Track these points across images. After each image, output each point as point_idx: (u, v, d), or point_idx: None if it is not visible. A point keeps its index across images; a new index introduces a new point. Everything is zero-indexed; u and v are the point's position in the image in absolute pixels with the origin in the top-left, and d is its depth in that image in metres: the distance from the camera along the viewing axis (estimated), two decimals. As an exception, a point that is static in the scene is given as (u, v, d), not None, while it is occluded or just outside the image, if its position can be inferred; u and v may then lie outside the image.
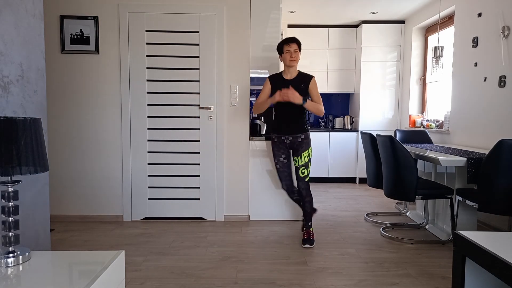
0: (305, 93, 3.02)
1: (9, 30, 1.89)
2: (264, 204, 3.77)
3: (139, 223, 3.68)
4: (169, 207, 3.76)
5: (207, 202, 3.76)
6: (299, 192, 3.14)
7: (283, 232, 3.40)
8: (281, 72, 3.15)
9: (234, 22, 3.67)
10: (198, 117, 3.71)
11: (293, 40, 3.03)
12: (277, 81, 3.09)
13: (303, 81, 3.04)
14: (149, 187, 3.74)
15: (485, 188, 2.63)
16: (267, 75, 3.71)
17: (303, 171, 3.08)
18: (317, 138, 5.80)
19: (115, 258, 1.35)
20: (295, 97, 2.89)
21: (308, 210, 3.13)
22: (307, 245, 3.01)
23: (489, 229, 3.51)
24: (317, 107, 3.00)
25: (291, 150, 3.15)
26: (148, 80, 3.67)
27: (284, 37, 5.80)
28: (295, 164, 3.12)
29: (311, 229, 3.13)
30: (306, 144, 3.08)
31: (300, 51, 3.06)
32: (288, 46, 3.02)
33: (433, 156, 2.93)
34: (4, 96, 1.85)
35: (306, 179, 3.09)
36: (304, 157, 3.06)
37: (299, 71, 3.11)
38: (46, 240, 2.21)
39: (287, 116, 3.06)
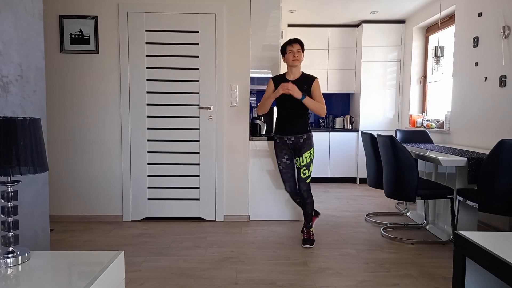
0: (308, 94, 3.02)
1: (8, 30, 1.88)
2: (264, 204, 3.76)
3: (138, 223, 3.67)
4: (169, 207, 3.76)
5: (207, 202, 3.76)
6: (300, 193, 3.13)
7: (283, 233, 3.39)
8: (284, 73, 3.15)
9: (234, 22, 3.66)
10: (198, 117, 3.70)
11: (296, 41, 3.05)
12: (280, 81, 3.09)
13: (306, 82, 3.04)
14: (148, 187, 3.74)
15: (485, 188, 2.62)
16: (267, 75, 3.71)
17: (304, 171, 3.07)
18: (317, 138, 5.80)
19: (115, 259, 1.34)
20: (295, 91, 2.91)
21: (309, 211, 3.12)
22: (307, 245, 3.01)
23: (490, 229, 3.50)
24: (317, 105, 2.98)
25: (293, 151, 3.14)
26: (147, 80, 3.66)
27: (284, 37, 5.83)
28: (296, 164, 3.11)
29: (311, 229, 3.13)
30: (308, 144, 3.06)
31: (303, 51, 3.07)
32: (291, 47, 3.04)
33: (433, 156, 2.93)
34: (3, 96, 1.84)
35: (308, 180, 3.08)
36: (306, 157, 3.05)
37: (302, 72, 3.11)
38: (45, 240, 2.20)
39: (289, 116, 3.06)
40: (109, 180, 3.72)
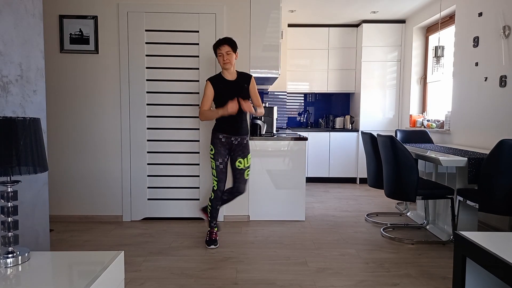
0: (247, 92, 3.03)
1: (8, 30, 1.88)
2: (264, 204, 3.76)
3: (138, 223, 3.67)
4: (169, 207, 3.76)
5: (206, 202, 3.75)
6: (238, 192, 3.08)
7: (283, 232, 3.39)
8: (220, 73, 3.04)
9: (234, 22, 3.66)
10: (198, 117, 3.70)
11: (224, 42, 2.90)
12: (219, 83, 2.98)
13: (245, 81, 3.03)
14: (148, 187, 3.74)
15: (485, 188, 2.62)
16: (268, 75, 3.71)
17: (248, 173, 3.08)
18: (317, 138, 5.80)
19: (115, 259, 1.34)
20: (250, 107, 2.92)
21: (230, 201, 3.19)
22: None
23: (490, 229, 3.50)
24: (261, 110, 3.12)
25: (232, 153, 3.07)
26: (147, 80, 3.66)
27: (284, 37, 5.83)
28: (239, 166, 3.03)
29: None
30: (249, 146, 3.10)
31: (234, 50, 2.94)
32: (219, 49, 2.91)
33: (434, 156, 2.93)
34: (4, 96, 1.84)
35: (248, 182, 3.13)
36: (249, 158, 3.08)
37: (237, 71, 3.06)
38: (45, 240, 2.20)
39: (237, 117, 2.99)
40: (109, 180, 3.72)
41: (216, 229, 3.11)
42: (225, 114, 2.87)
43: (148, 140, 3.71)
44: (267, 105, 5.02)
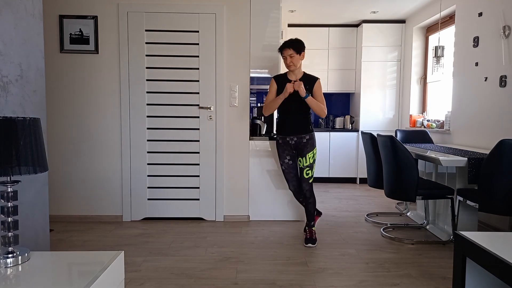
0: (310, 94, 3.03)
1: (8, 30, 1.88)
2: (264, 204, 3.76)
3: (138, 223, 3.67)
4: (169, 208, 3.76)
5: (207, 203, 3.76)
6: (303, 193, 3.13)
7: (283, 233, 3.39)
8: (285, 73, 3.13)
9: (234, 22, 3.66)
10: (198, 117, 3.70)
11: (288, 45, 2.98)
12: (283, 82, 3.08)
13: (308, 83, 3.04)
14: (148, 187, 3.74)
15: (485, 188, 2.62)
16: (268, 75, 3.71)
17: (307, 172, 3.07)
18: (317, 138, 5.79)
19: (115, 259, 1.34)
20: (301, 88, 2.90)
21: (311, 211, 3.13)
22: (309, 244, 3.02)
23: (490, 229, 3.50)
24: (319, 105, 2.99)
25: (295, 151, 3.13)
26: (147, 80, 3.66)
27: (284, 37, 5.82)
28: (299, 165, 3.10)
29: (313, 228, 3.14)
30: (311, 145, 3.07)
31: (299, 52, 3.00)
32: (284, 52, 3.01)
33: (434, 156, 2.92)
34: (3, 96, 1.84)
35: (310, 181, 3.09)
36: (309, 158, 3.06)
37: (304, 72, 3.10)
38: (45, 241, 2.20)
39: (292, 116, 3.05)
40: (109, 180, 3.72)
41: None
42: (286, 95, 2.94)
43: (148, 140, 3.71)
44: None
